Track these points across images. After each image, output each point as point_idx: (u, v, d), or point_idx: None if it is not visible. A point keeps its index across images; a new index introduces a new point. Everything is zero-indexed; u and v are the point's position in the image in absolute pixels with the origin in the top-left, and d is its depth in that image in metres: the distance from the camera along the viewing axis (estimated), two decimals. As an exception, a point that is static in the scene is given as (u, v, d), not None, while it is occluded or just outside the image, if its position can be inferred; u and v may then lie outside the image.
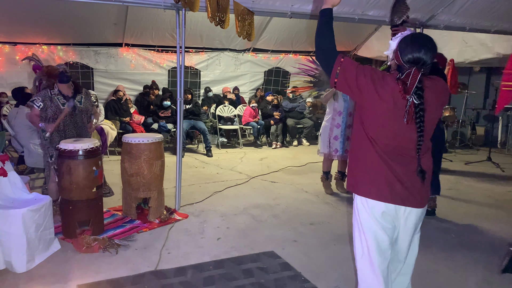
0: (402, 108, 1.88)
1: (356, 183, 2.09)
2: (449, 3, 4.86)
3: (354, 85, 1.94)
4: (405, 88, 1.86)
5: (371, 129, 1.99)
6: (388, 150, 1.97)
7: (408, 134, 1.92)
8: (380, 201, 2.00)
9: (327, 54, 2.02)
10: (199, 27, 8.01)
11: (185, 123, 7.54)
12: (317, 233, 3.92)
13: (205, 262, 3.23)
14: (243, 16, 4.39)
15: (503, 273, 3.11)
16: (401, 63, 1.94)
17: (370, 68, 1.96)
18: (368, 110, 1.98)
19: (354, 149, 2.12)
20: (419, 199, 2.02)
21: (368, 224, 2.06)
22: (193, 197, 4.87)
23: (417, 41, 1.92)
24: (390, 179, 1.97)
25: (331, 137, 5.05)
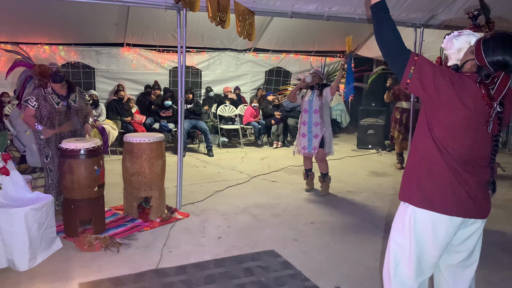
0: (482, 115, 1.72)
1: (419, 195, 1.88)
2: (450, 3, 4.87)
3: (431, 87, 1.73)
4: (490, 94, 1.69)
5: (443, 136, 1.79)
6: (459, 159, 1.79)
7: (483, 143, 1.78)
8: (447, 214, 1.82)
9: (397, 53, 1.79)
10: (200, 27, 8.02)
11: (186, 123, 7.56)
12: (318, 232, 3.94)
13: (206, 261, 3.25)
14: (244, 16, 4.40)
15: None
16: (485, 65, 1.74)
17: (447, 68, 1.79)
18: (443, 115, 1.77)
19: (417, 157, 1.91)
20: (486, 209, 1.88)
21: (422, 239, 1.89)
22: (194, 197, 4.89)
23: (509, 41, 1.72)
24: (457, 190, 1.81)
25: (299, 134, 5.10)
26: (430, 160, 1.84)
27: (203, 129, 7.69)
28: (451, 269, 2.02)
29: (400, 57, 1.78)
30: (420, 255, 1.91)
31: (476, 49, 1.78)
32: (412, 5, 4.84)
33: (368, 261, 3.32)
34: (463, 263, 1.98)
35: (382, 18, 1.82)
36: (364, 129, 8.49)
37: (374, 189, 5.49)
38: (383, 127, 8.25)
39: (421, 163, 1.89)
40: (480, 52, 1.75)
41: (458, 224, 1.86)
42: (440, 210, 1.83)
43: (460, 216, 1.83)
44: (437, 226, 1.85)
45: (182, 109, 4.36)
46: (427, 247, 1.89)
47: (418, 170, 1.90)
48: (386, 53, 1.83)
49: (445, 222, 1.84)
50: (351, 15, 4.92)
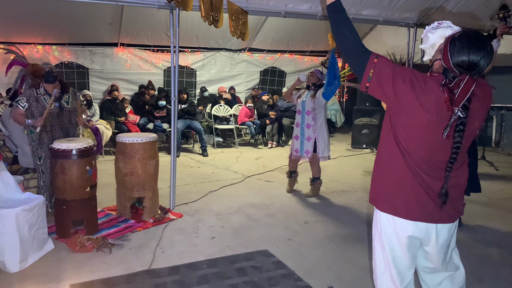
0: (444, 119, 1.64)
1: (382, 198, 1.85)
2: (442, 3, 4.89)
3: (390, 91, 1.67)
4: (452, 98, 1.59)
5: (404, 140, 1.73)
6: (422, 163, 1.73)
7: (446, 147, 1.69)
8: (409, 219, 1.77)
9: (356, 55, 1.72)
10: (195, 27, 8.01)
11: (181, 123, 7.54)
12: (312, 232, 3.93)
13: (199, 261, 3.24)
14: (237, 16, 4.40)
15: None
16: (450, 66, 1.64)
17: (409, 70, 1.69)
18: (404, 119, 1.71)
19: (381, 160, 1.86)
20: (452, 213, 1.81)
21: (391, 243, 1.85)
22: (188, 197, 4.88)
23: (476, 42, 1.61)
24: (421, 195, 1.74)
25: (292, 136, 5.03)
26: (393, 163, 1.78)
27: (198, 129, 7.68)
28: (435, 276, 1.98)
29: (359, 59, 1.72)
30: (394, 260, 1.87)
31: (444, 49, 1.68)
32: (405, 5, 4.85)
33: (362, 261, 3.32)
34: (443, 267, 1.93)
35: (338, 19, 1.76)
36: (358, 129, 8.51)
37: (368, 189, 5.45)
38: (377, 126, 8.27)
39: (384, 166, 1.84)
40: (446, 52, 1.65)
41: (425, 229, 1.79)
42: (403, 215, 1.78)
43: (424, 221, 1.77)
44: (401, 231, 1.80)
45: (175, 109, 4.35)
46: (397, 252, 1.85)
47: (382, 173, 1.86)
48: (345, 55, 1.79)
49: (410, 227, 1.78)
50: (344, 15, 4.91)
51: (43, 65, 4.02)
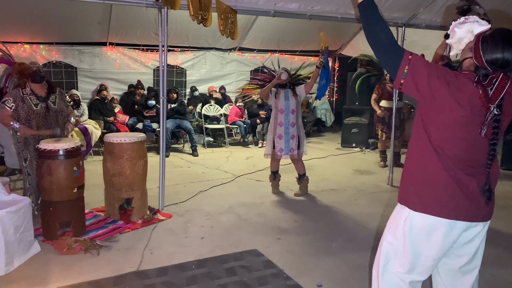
0: (479, 116, 1.64)
1: (415, 197, 1.82)
2: (430, 2, 4.91)
3: (425, 88, 1.66)
4: (487, 95, 1.60)
5: (438, 138, 1.73)
6: (457, 161, 1.72)
7: (481, 144, 1.70)
8: (443, 217, 1.76)
9: (390, 52, 1.72)
10: (185, 26, 7.96)
11: (171, 123, 7.50)
12: (302, 231, 3.93)
13: (188, 262, 3.22)
14: (226, 15, 4.38)
15: None
16: (483, 64, 1.65)
17: (442, 68, 1.71)
18: (439, 116, 1.70)
19: (413, 159, 1.86)
20: (486, 212, 1.80)
21: (417, 242, 1.83)
22: (178, 197, 4.85)
23: (510, 39, 1.62)
24: (456, 192, 1.73)
25: (275, 136, 4.92)
26: (426, 162, 1.78)
27: (188, 129, 7.64)
28: (450, 274, 1.96)
29: (393, 57, 1.71)
30: (415, 257, 1.85)
31: (475, 47, 1.69)
32: (394, 5, 4.86)
33: (352, 259, 3.32)
34: (463, 268, 1.92)
35: (370, 16, 1.76)
36: (348, 128, 8.54)
37: (358, 187, 5.52)
38: (367, 125, 8.31)
39: (417, 165, 1.83)
40: (478, 50, 1.67)
41: (459, 228, 1.78)
42: (437, 214, 1.76)
43: (459, 220, 1.76)
44: (435, 230, 1.79)
45: (164, 108, 4.31)
46: (424, 251, 1.83)
47: (414, 173, 1.85)
48: (377, 53, 1.77)
49: (444, 225, 1.77)
50: (333, 14, 4.93)
51: (30, 64, 3.97)
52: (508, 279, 3.03)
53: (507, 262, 3.32)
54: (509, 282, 3.00)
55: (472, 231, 1.83)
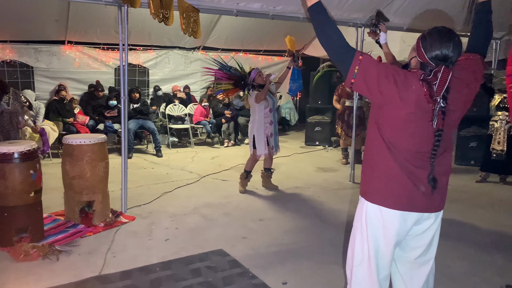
0: (426, 111, 1.74)
1: (371, 190, 1.91)
2: (388, 3, 5.07)
3: (375, 87, 1.74)
4: (431, 91, 1.70)
5: (390, 134, 1.82)
6: (409, 155, 1.80)
7: (429, 138, 1.78)
8: (397, 210, 1.84)
9: (341, 53, 1.78)
10: (147, 24, 7.80)
11: (133, 123, 7.35)
12: (267, 229, 3.96)
13: (152, 264, 3.17)
14: (188, 13, 4.34)
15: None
16: (426, 60, 1.76)
17: (391, 67, 1.79)
18: (388, 113, 1.80)
19: (369, 155, 1.94)
20: (438, 203, 1.89)
21: (376, 235, 1.90)
22: (142, 199, 4.76)
23: (445, 35, 1.74)
24: (408, 186, 1.82)
25: (268, 135, 5.01)
26: (380, 156, 1.86)
27: (151, 129, 7.51)
28: (407, 266, 2.03)
29: (344, 57, 1.77)
30: (376, 252, 1.92)
31: (417, 46, 1.81)
32: (353, 6, 4.99)
33: (316, 256, 3.38)
34: (419, 259, 1.99)
35: (321, 20, 1.81)
36: (311, 127, 8.68)
37: (321, 184, 5.63)
38: (329, 124, 8.49)
39: (372, 160, 1.92)
40: (420, 49, 1.78)
41: (411, 219, 1.86)
42: (391, 206, 1.84)
43: (411, 211, 1.84)
44: (388, 221, 1.86)
45: (125, 108, 4.23)
46: (381, 243, 1.91)
47: (370, 167, 1.93)
48: (330, 54, 1.83)
49: (396, 217, 1.84)
50: (295, 14, 4.99)
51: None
52: (463, 270, 3.18)
53: (461, 253, 3.48)
54: (463, 272, 3.14)
55: (425, 223, 1.91)
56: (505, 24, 6.24)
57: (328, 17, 1.82)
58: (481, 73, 1.90)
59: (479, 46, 2.00)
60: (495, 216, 4.41)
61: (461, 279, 3.04)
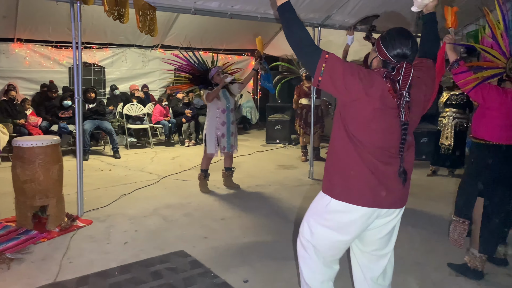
0: (391, 107, 1.80)
1: (335, 187, 1.94)
2: (343, 4, 5.21)
3: (341, 85, 1.79)
4: (395, 87, 1.78)
5: (356, 130, 1.86)
6: (375, 151, 1.85)
7: (396, 133, 1.84)
8: (361, 206, 1.89)
9: (309, 52, 1.83)
10: (102, 22, 7.60)
11: (89, 124, 7.12)
12: (228, 228, 3.97)
13: (110, 268, 3.09)
14: (145, 11, 4.26)
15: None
16: (388, 58, 1.85)
17: (356, 65, 1.85)
18: (354, 110, 1.84)
19: (334, 152, 1.97)
20: (401, 198, 1.96)
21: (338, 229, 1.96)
22: (99, 202, 4.63)
23: (403, 34, 1.86)
24: (372, 181, 1.86)
25: (219, 135, 5.00)
26: (345, 153, 1.89)
27: (108, 130, 7.30)
28: (366, 257, 2.11)
29: (311, 56, 1.82)
30: (334, 242, 2.00)
31: (377, 46, 1.90)
32: (310, 6, 5.08)
33: (277, 253, 3.43)
34: (378, 252, 2.07)
35: (290, 18, 1.86)
36: (272, 125, 8.78)
37: (282, 182, 5.70)
38: (289, 122, 8.62)
39: (337, 156, 1.95)
40: (381, 48, 1.87)
41: (373, 215, 1.92)
42: (356, 202, 1.88)
43: (375, 207, 1.89)
44: (351, 217, 1.91)
45: (80, 109, 4.09)
46: (342, 236, 1.97)
47: (334, 164, 1.97)
48: (298, 53, 1.88)
49: (360, 213, 1.90)
50: (253, 14, 5.02)
51: None
52: (415, 260, 3.33)
53: (413, 244, 3.65)
54: (416, 262, 3.29)
55: (387, 218, 1.98)
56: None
57: (296, 16, 1.87)
58: (435, 75, 2.02)
59: (430, 53, 2.12)
60: (445, 207, 4.65)
61: (413, 269, 3.18)
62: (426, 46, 2.13)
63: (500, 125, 2.92)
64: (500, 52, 2.98)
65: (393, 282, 2.18)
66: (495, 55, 2.99)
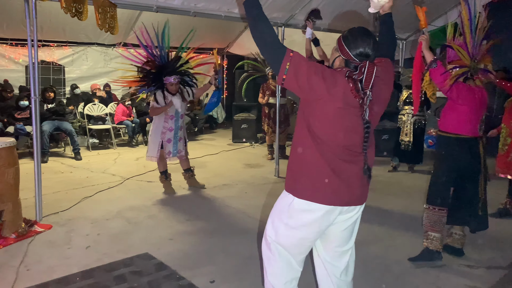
0: (354, 106, 1.82)
1: (298, 186, 1.96)
2: (306, 4, 5.27)
3: (305, 83, 1.80)
4: (357, 86, 1.79)
5: (318, 129, 1.87)
6: (338, 150, 1.87)
7: (359, 132, 1.86)
8: (323, 204, 1.90)
9: (274, 50, 1.83)
10: (61, 19, 7.26)
11: (48, 125, 6.85)
12: (194, 229, 3.94)
13: (72, 274, 2.99)
14: (104, 8, 4.15)
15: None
16: (351, 58, 1.87)
17: (319, 65, 1.85)
18: (318, 109, 1.85)
19: (297, 151, 1.97)
20: (362, 196, 2.00)
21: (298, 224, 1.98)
22: (59, 205, 4.46)
23: (365, 33, 1.88)
24: (333, 180, 1.88)
25: (164, 140, 4.91)
26: (307, 152, 1.91)
27: (68, 131, 7.05)
28: (328, 253, 2.14)
29: (276, 53, 1.82)
30: (298, 240, 2.01)
31: (339, 46, 1.91)
32: (273, 5, 5.11)
33: (244, 251, 3.43)
34: (339, 248, 2.10)
35: (255, 14, 1.86)
36: (238, 124, 8.77)
37: (248, 180, 5.71)
38: (255, 121, 8.64)
39: (300, 155, 1.95)
40: (343, 48, 1.88)
41: (335, 212, 1.95)
42: (317, 200, 1.90)
43: (337, 205, 1.92)
44: (314, 215, 1.93)
45: (37, 109, 3.94)
46: (305, 234, 1.99)
47: (297, 163, 1.97)
48: (262, 50, 1.87)
49: (322, 211, 1.92)
50: (217, 12, 5.00)
51: None
52: (376, 254, 3.43)
53: (374, 238, 3.75)
54: (376, 256, 3.39)
55: (348, 214, 2.01)
56: (410, 26, 6.80)
57: (262, 12, 1.87)
58: (393, 74, 2.07)
59: (388, 52, 2.17)
60: (405, 202, 4.81)
61: (374, 262, 3.27)
62: (384, 46, 2.18)
63: (468, 119, 3.16)
64: (467, 52, 3.16)
65: (354, 276, 2.23)
66: (463, 55, 3.16)
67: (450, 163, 3.23)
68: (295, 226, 1.99)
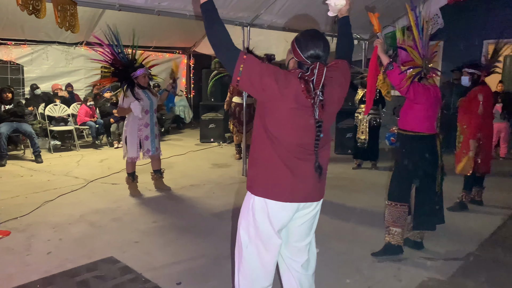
0: (306, 106, 1.87)
1: (256, 184, 2.03)
2: (271, 4, 5.31)
3: (258, 85, 1.86)
4: (308, 87, 1.85)
5: (273, 128, 1.93)
6: (292, 148, 1.93)
7: (312, 131, 1.92)
8: (280, 201, 1.97)
9: (228, 51, 1.87)
10: (19, 16, 6.97)
11: (6, 127, 6.57)
12: (161, 231, 3.89)
13: (31, 282, 2.89)
14: (64, 6, 4.04)
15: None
16: (302, 59, 1.93)
17: (273, 67, 1.90)
18: (272, 109, 1.91)
19: (254, 150, 2.04)
20: (318, 192, 2.06)
21: (262, 225, 2.02)
22: (19, 211, 4.30)
23: (316, 37, 1.94)
24: (289, 178, 1.95)
25: (141, 138, 4.82)
26: (264, 150, 1.97)
27: (28, 132, 6.78)
28: (288, 249, 2.19)
29: (230, 55, 1.86)
30: (263, 237, 2.05)
31: (293, 48, 1.97)
32: (238, 5, 5.12)
33: (210, 252, 3.42)
34: (299, 243, 2.16)
35: (211, 17, 1.90)
36: (206, 124, 8.72)
37: (216, 180, 5.70)
38: (223, 121, 8.61)
39: (257, 153, 2.02)
40: (296, 50, 1.95)
41: (293, 209, 2.01)
42: (274, 197, 1.97)
43: (293, 202, 1.98)
44: (272, 212, 1.99)
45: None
46: (267, 230, 2.03)
47: (255, 161, 2.04)
48: (217, 52, 1.91)
49: (280, 208, 1.98)
50: (181, 11, 4.95)
51: None
52: (341, 250, 3.50)
53: (340, 234, 3.83)
54: (342, 252, 3.46)
55: (306, 210, 2.08)
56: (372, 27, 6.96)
57: (217, 15, 1.90)
58: (349, 75, 2.14)
59: (345, 54, 2.23)
60: (369, 198, 4.93)
61: (339, 257, 3.35)
62: (342, 48, 2.24)
63: (424, 117, 3.30)
64: (418, 52, 3.28)
65: (319, 273, 2.28)
66: (415, 55, 3.29)
67: (410, 159, 3.35)
68: (258, 224, 2.04)
